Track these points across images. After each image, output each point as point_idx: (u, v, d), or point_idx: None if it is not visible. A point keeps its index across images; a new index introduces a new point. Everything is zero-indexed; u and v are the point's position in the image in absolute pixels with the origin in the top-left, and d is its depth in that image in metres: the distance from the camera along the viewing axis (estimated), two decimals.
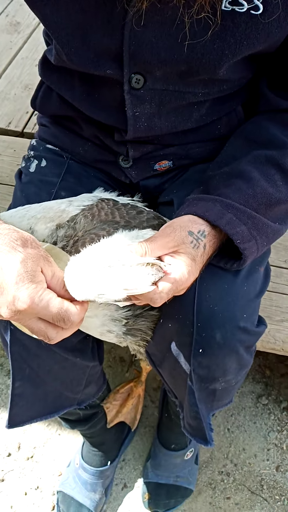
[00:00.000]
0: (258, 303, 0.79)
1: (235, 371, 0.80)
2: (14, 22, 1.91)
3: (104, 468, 1.24)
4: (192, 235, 0.67)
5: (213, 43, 0.68)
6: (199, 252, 0.67)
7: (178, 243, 0.66)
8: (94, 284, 0.58)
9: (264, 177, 0.74)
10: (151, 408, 1.41)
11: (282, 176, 0.75)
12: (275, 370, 1.48)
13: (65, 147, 0.95)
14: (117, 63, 0.72)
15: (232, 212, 0.69)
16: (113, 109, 0.81)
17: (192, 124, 0.83)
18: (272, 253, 1.21)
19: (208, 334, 0.72)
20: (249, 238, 0.70)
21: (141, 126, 0.80)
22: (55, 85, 0.86)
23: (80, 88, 0.82)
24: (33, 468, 1.32)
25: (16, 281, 0.55)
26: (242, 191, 0.72)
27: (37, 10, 0.72)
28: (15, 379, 0.87)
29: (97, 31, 0.70)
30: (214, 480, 1.30)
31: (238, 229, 0.69)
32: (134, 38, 0.68)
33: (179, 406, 0.92)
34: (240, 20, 0.66)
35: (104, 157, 0.92)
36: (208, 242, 0.69)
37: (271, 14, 0.65)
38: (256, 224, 0.71)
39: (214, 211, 0.69)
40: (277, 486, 1.28)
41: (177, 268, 0.64)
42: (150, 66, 0.72)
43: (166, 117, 0.80)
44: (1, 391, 1.45)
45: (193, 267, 0.66)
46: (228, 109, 0.85)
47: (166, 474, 1.24)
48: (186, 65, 0.71)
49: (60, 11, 0.70)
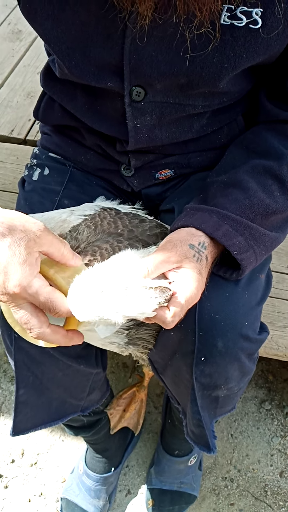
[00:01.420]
0: (259, 311, 0.80)
1: (237, 379, 0.80)
2: (16, 30, 1.93)
3: (108, 474, 1.24)
4: (194, 248, 0.67)
5: (213, 57, 0.68)
6: (203, 264, 0.68)
7: (181, 257, 0.66)
8: (95, 307, 0.58)
9: (261, 188, 0.74)
10: (154, 414, 1.41)
11: (279, 186, 0.75)
12: (278, 375, 1.48)
13: (68, 156, 0.96)
14: (118, 76, 0.73)
15: (229, 223, 0.70)
16: (115, 121, 0.81)
17: (192, 135, 0.83)
18: (274, 259, 1.22)
19: (210, 343, 0.73)
20: (247, 248, 0.70)
21: (142, 137, 0.81)
22: (57, 96, 0.87)
23: (82, 99, 0.83)
24: (36, 475, 1.32)
25: (4, 266, 0.57)
26: (239, 202, 0.73)
27: (38, 24, 0.73)
28: (19, 387, 0.87)
29: (97, 45, 0.70)
30: (217, 486, 1.29)
31: (235, 240, 0.69)
32: (135, 52, 0.69)
33: (182, 413, 0.92)
34: (239, 34, 0.67)
35: (106, 166, 0.93)
36: (209, 254, 0.69)
37: (270, 28, 0.66)
38: (253, 234, 0.71)
39: (210, 223, 0.70)
40: (281, 492, 1.28)
41: (185, 286, 0.64)
42: (150, 79, 0.72)
43: (167, 128, 0.81)
44: (4, 398, 1.45)
45: (200, 281, 0.66)
46: (229, 120, 0.86)
47: (170, 480, 1.24)
48: (186, 78, 0.71)
49: (60, 25, 0.70)
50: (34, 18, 0.72)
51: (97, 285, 0.59)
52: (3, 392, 1.46)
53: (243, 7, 0.64)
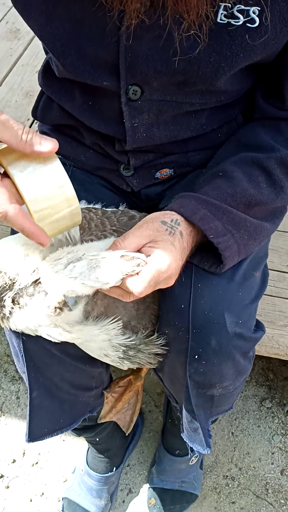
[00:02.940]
0: (254, 309, 0.79)
1: (232, 377, 0.80)
2: (14, 29, 1.92)
3: (109, 474, 1.24)
4: (166, 224, 0.67)
5: (209, 57, 0.68)
6: (176, 237, 0.67)
7: (153, 232, 0.66)
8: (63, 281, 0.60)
9: (247, 178, 0.74)
10: (155, 413, 1.41)
11: (266, 178, 0.75)
12: (278, 373, 1.48)
13: (67, 155, 0.95)
14: (114, 75, 0.73)
15: (207, 208, 0.70)
16: (113, 120, 0.81)
17: (191, 133, 0.83)
18: (274, 258, 1.22)
19: (203, 341, 0.73)
20: (224, 232, 0.70)
21: (139, 137, 0.81)
22: (55, 95, 0.86)
23: (80, 99, 0.83)
24: (38, 475, 1.32)
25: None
26: (222, 189, 0.72)
27: (32, 20, 0.72)
28: (32, 388, 0.87)
29: (92, 43, 0.70)
30: (219, 485, 1.30)
31: (212, 225, 0.69)
32: (130, 50, 0.69)
33: (179, 411, 0.92)
34: (236, 33, 0.66)
35: (106, 165, 0.92)
36: (184, 230, 0.68)
37: (267, 27, 0.65)
38: (232, 219, 0.71)
39: (189, 207, 0.69)
40: (282, 490, 1.28)
41: (156, 257, 0.64)
42: (147, 78, 0.72)
43: (165, 127, 0.81)
44: (5, 397, 1.45)
45: (174, 252, 0.65)
46: (228, 118, 0.85)
47: (171, 479, 1.24)
48: (183, 76, 0.71)
49: (54, 21, 0.70)
50: (28, 14, 0.72)
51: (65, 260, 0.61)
52: (3, 392, 1.46)
53: (240, 5, 0.64)
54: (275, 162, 0.75)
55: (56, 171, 0.55)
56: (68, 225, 0.59)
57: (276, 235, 1.26)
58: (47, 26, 0.71)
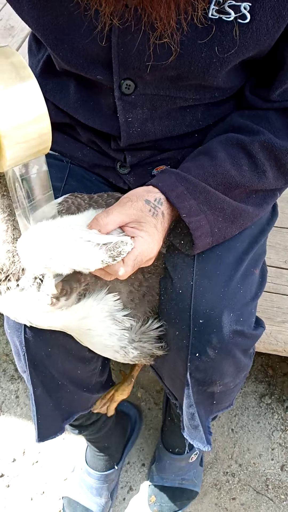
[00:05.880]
0: (254, 306, 0.80)
1: (233, 374, 0.80)
2: (8, 26, 1.91)
3: (109, 472, 1.24)
4: (149, 203, 0.68)
5: (201, 52, 0.68)
6: (159, 219, 0.69)
7: (136, 211, 0.67)
8: (42, 257, 0.60)
9: (230, 159, 0.74)
10: (155, 411, 1.41)
11: (249, 161, 0.75)
12: (277, 369, 1.48)
13: (64, 152, 0.95)
14: (107, 69, 0.72)
15: (185, 186, 0.70)
16: (107, 117, 0.81)
17: (187, 129, 0.83)
18: (272, 254, 1.21)
19: (204, 338, 0.73)
20: (197, 212, 0.70)
21: (134, 132, 0.80)
22: (50, 94, 0.86)
23: (75, 95, 0.82)
24: (38, 473, 1.32)
25: None
26: (204, 168, 0.73)
27: (25, 13, 0.72)
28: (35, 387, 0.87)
29: (84, 38, 0.70)
30: (219, 481, 1.30)
31: (186, 203, 0.70)
32: (122, 45, 0.69)
33: (179, 408, 0.92)
34: (228, 29, 0.66)
35: (102, 162, 0.92)
36: (165, 210, 0.70)
37: (259, 22, 0.65)
38: (208, 199, 0.71)
39: (168, 182, 0.71)
40: (282, 486, 1.29)
41: (141, 241, 0.66)
42: (140, 72, 0.72)
43: (159, 122, 0.80)
44: (4, 397, 1.45)
45: (156, 235, 0.68)
46: (223, 114, 0.85)
47: (171, 477, 1.24)
48: (175, 71, 0.71)
49: (47, 13, 0.70)
50: (20, 7, 0.72)
51: (47, 236, 0.60)
52: (2, 392, 1.45)
53: (231, 1, 0.63)
54: (259, 146, 0.75)
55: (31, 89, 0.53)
56: (37, 146, 0.54)
57: (273, 232, 1.25)
58: (40, 19, 0.71)
